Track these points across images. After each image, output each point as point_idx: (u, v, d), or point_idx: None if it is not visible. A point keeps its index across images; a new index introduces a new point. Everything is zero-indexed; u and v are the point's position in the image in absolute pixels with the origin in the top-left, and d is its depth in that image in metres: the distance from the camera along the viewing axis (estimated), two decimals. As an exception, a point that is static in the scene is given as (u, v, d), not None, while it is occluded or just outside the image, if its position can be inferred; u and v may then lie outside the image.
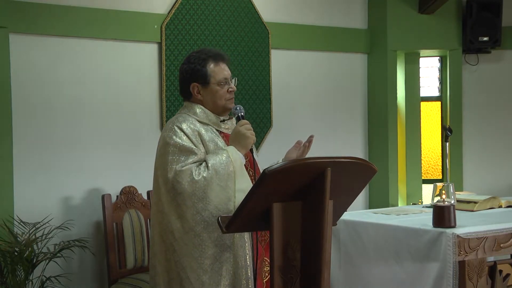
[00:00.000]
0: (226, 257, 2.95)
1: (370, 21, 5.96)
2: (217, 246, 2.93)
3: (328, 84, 5.76)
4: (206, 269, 2.93)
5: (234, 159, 2.96)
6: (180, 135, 3.01)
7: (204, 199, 2.92)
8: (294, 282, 2.58)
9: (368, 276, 3.63)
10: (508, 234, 3.38)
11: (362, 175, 2.71)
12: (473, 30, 5.87)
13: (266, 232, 3.02)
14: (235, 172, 2.95)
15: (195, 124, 3.07)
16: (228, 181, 2.94)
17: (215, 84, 3.10)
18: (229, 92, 3.12)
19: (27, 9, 4.36)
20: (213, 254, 2.93)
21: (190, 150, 2.98)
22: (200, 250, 2.93)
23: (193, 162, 2.97)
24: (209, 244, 2.93)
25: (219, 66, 3.11)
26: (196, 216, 2.93)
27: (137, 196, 4.64)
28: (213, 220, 2.90)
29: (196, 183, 2.91)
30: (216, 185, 2.92)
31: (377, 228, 3.60)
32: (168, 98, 4.89)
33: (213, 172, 2.92)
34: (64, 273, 4.33)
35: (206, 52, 3.15)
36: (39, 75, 4.46)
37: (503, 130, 6.12)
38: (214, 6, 5.06)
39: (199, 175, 2.92)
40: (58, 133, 4.52)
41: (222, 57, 3.15)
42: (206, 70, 3.09)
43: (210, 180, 2.91)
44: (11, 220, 4.22)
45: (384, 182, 5.81)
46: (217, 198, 2.92)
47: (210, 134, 3.07)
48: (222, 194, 2.93)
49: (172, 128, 3.04)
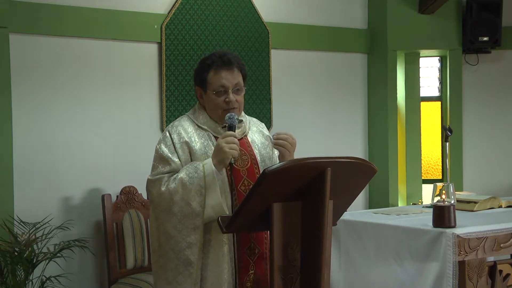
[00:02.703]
0: (190, 272, 2.86)
1: (370, 21, 5.96)
2: (179, 259, 2.87)
3: (328, 84, 5.76)
4: (169, 280, 2.90)
5: (207, 173, 2.85)
6: (167, 141, 2.98)
7: (168, 211, 2.87)
8: (294, 282, 2.58)
9: (368, 276, 3.63)
10: (508, 234, 3.39)
11: (362, 175, 2.70)
12: (473, 30, 5.87)
13: (257, 245, 2.94)
14: (206, 187, 2.84)
15: (189, 131, 3.00)
16: (196, 196, 2.84)
17: (211, 93, 2.99)
18: (225, 102, 2.98)
19: (27, 9, 4.36)
20: (175, 267, 2.87)
21: (167, 160, 2.94)
22: (164, 260, 2.91)
23: (167, 172, 2.92)
24: (171, 256, 2.88)
25: (219, 74, 2.97)
26: (160, 227, 2.91)
27: (137, 196, 4.64)
28: (175, 233, 2.85)
29: (162, 194, 2.88)
30: (180, 199, 2.84)
31: (377, 228, 3.60)
32: (168, 98, 4.89)
33: (179, 185, 2.85)
34: (64, 273, 4.33)
35: (214, 57, 3.01)
36: (39, 75, 4.46)
37: (503, 130, 6.12)
38: (214, 6, 5.06)
39: (166, 187, 2.87)
40: (58, 133, 4.52)
41: (228, 64, 2.99)
42: (206, 76, 3.00)
43: (175, 193, 2.85)
44: (11, 220, 4.21)
45: (384, 182, 5.81)
46: (181, 212, 2.85)
47: (204, 142, 2.99)
48: (187, 208, 2.84)
49: (164, 132, 3.03)
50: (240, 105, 3.03)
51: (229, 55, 3.02)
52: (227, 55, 3.02)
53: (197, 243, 2.86)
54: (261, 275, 2.95)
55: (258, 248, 2.95)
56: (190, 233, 2.86)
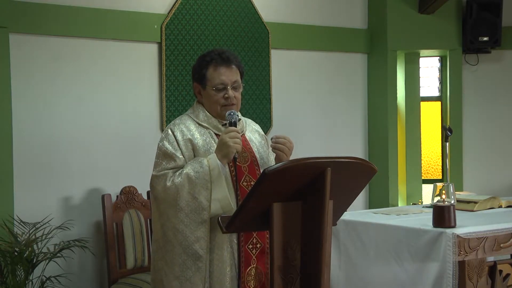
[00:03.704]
0: (198, 267, 2.89)
1: (370, 21, 5.96)
2: (187, 254, 2.89)
3: (328, 84, 5.76)
4: (177, 275, 2.91)
5: (212, 167, 2.89)
6: (170, 139, 3.00)
7: (174, 206, 2.89)
8: (294, 282, 2.58)
9: (368, 276, 3.63)
10: (508, 234, 3.38)
11: (362, 175, 2.71)
12: (473, 30, 5.87)
13: (259, 240, 2.99)
14: (212, 181, 2.88)
15: (191, 128, 3.03)
16: (203, 190, 2.87)
17: (210, 89, 3.04)
18: (224, 98, 3.03)
19: (27, 9, 4.36)
20: (183, 262, 2.89)
21: (171, 156, 2.96)
22: (171, 256, 2.92)
23: (172, 168, 2.95)
24: (179, 252, 2.90)
25: (218, 70, 3.02)
26: (167, 222, 2.92)
27: (137, 196, 4.64)
28: (183, 228, 2.88)
29: (168, 190, 2.89)
30: (187, 193, 2.87)
31: (377, 228, 3.60)
32: (168, 98, 4.89)
33: (185, 180, 2.87)
34: (64, 273, 4.33)
35: (213, 54, 3.06)
36: (39, 75, 4.46)
37: (503, 130, 6.12)
38: (214, 6, 5.06)
39: (172, 181, 2.89)
40: (58, 133, 4.52)
41: (226, 62, 3.04)
42: (206, 73, 3.04)
43: (181, 188, 2.87)
44: (11, 220, 4.22)
45: (384, 182, 5.81)
46: (188, 206, 2.87)
47: (206, 139, 3.03)
48: (194, 203, 2.87)
49: (166, 130, 3.05)
50: (238, 101, 3.08)
51: (228, 53, 3.08)
52: (226, 53, 3.07)
53: (205, 237, 2.89)
54: (262, 269, 3.00)
55: (260, 243, 3.00)
56: (198, 227, 2.88)
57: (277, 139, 3.05)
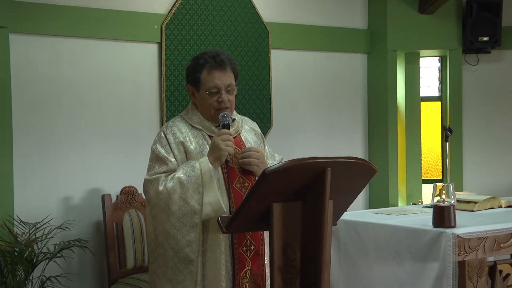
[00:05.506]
0: (190, 270, 2.90)
1: (370, 21, 5.96)
2: (179, 258, 2.90)
3: (328, 84, 5.76)
4: (169, 278, 2.93)
5: (204, 171, 2.88)
6: (163, 142, 3.01)
7: (166, 211, 2.89)
8: (294, 282, 2.58)
9: (368, 276, 3.63)
10: (508, 234, 3.38)
11: (362, 175, 2.71)
12: (473, 30, 5.87)
13: (253, 242, 3.00)
14: (204, 185, 2.88)
15: (183, 131, 3.03)
16: (194, 194, 2.87)
17: (204, 92, 3.02)
18: (218, 102, 3.01)
19: (27, 9, 4.36)
20: (175, 265, 2.91)
21: (163, 159, 2.96)
22: (163, 259, 2.93)
23: (164, 172, 2.95)
24: (171, 255, 2.91)
25: (212, 74, 3.00)
26: (159, 226, 2.93)
27: (137, 196, 4.64)
28: (174, 232, 2.88)
29: (160, 194, 2.90)
30: (179, 198, 2.87)
31: (377, 228, 3.60)
32: (168, 98, 4.89)
33: (177, 184, 2.88)
34: (64, 273, 4.33)
35: (207, 57, 3.03)
36: (39, 75, 4.46)
37: (503, 130, 6.12)
38: (214, 6, 5.06)
39: (164, 186, 2.90)
40: (58, 133, 4.52)
41: (220, 65, 3.01)
42: (199, 76, 3.02)
43: (173, 193, 2.87)
44: (11, 220, 4.22)
45: (384, 182, 5.81)
46: (180, 211, 2.88)
47: (199, 141, 3.03)
48: (185, 207, 2.88)
49: (159, 133, 3.06)
50: (232, 104, 3.07)
51: (222, 55, 3.05)
52: (220, 56, 3.04)
53: (196, 241, 2.89)
54: (257, 271, 3.00)
55: (254, 245, 3.00)
56: (189, 231, 2.88)
57: (242, 154, 3.01)
